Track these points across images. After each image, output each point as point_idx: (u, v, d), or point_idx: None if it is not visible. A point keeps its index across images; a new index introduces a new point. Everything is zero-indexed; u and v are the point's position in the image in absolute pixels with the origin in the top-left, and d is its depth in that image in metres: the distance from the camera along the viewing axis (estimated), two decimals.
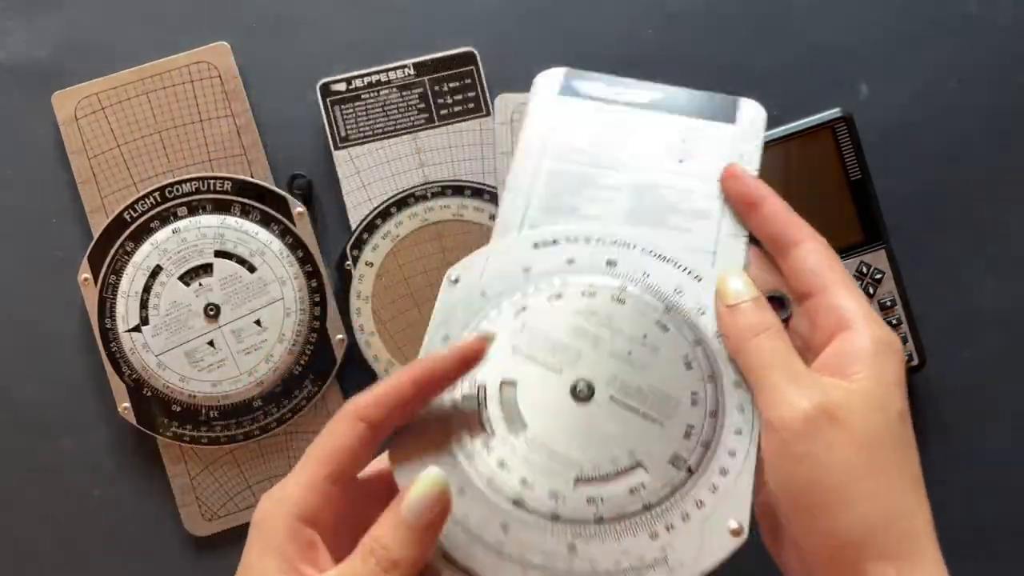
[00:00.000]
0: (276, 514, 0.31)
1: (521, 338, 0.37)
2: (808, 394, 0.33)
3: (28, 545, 0.55)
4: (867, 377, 0.33)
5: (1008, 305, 0.55)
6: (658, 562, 0.32)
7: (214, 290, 0.52)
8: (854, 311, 0.35)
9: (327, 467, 0.32)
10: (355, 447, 0.32)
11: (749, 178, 0.39)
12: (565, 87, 0.46)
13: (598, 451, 0.34)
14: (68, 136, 0.54)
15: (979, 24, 0.55)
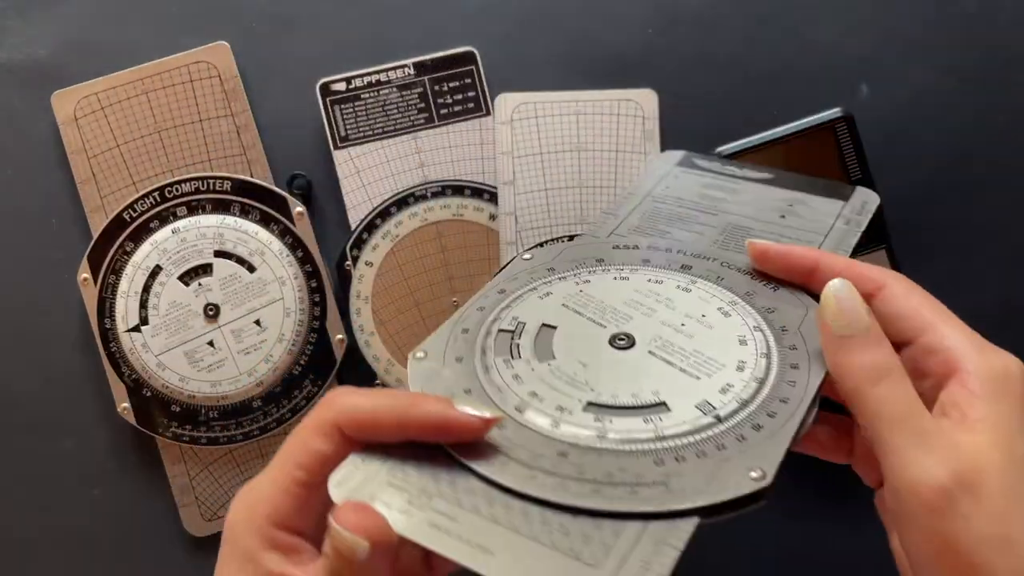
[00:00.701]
0: (250, 520, 0.31)
1: (575, 299, 0.37)
2: (940, 459, 0.29)
3: (28, 545, 0.55)
4: (992, 425, 0.30)
5: (1010, 305, 0.55)
6: (656, 484, 0.29)
7: (214, 290, 0.52)
8: (959, 348, 0.32)
9: (301, 472, 0.31)
10: (330, 456, 0.31)
11: (789, 247, 0.37)
12: (683, 161, 0.49)
13: (620, 385, 0.33)
14: (67, 136, 0.54)
15: (979, 24, 0.55)
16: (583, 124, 0.54)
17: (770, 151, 0.52)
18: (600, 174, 0.54)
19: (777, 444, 0.31)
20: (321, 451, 0.31)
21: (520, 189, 0.54)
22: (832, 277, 0.34)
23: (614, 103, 0.54)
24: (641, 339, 0.35)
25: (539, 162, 0.54)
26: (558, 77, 0.55)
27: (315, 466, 0.31)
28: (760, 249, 0.38)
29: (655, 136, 0.55)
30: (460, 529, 0.28)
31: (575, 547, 0.27)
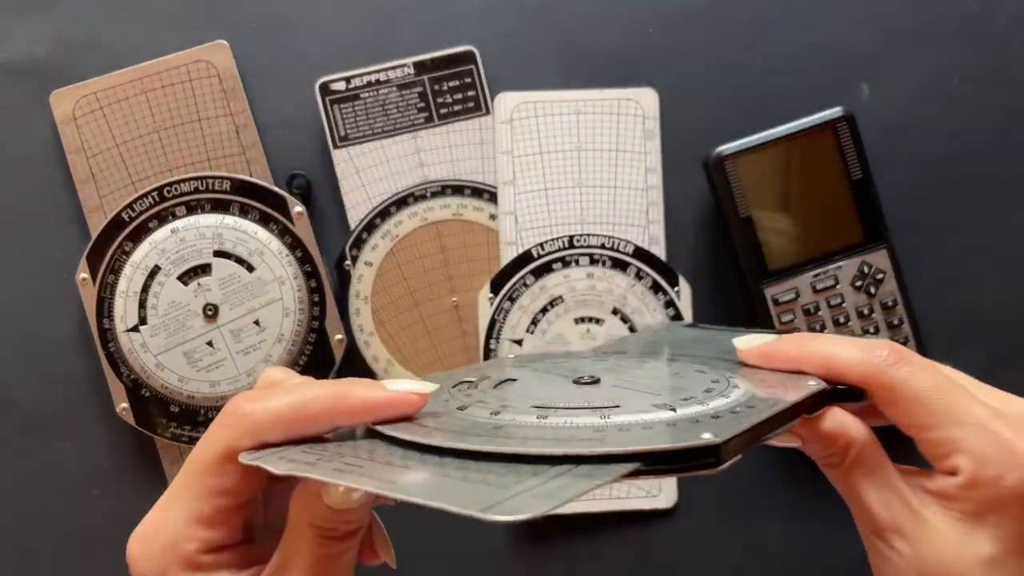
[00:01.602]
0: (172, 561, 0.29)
1: (545, 364, 0.37)
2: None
3: (27, 545, 0.54)
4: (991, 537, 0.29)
5: (1010, 305, 0.55)
6: (592, 440, 0.26)
7: (213, 290, 0.52)
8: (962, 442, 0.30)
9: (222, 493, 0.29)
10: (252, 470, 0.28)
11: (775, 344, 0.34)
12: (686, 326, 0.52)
13: (576, 398, 0.31)
14: (66, 135, 0.53)
15: (980, 23, 0.55)
16: (583, 124, 0.54)
17: (771, 150, 0.52)
18: (600, 174, 0.54)
19: (739, 420, 0.28)
20: (246, 472, 0.29)
21: (520, 189, 0.54)
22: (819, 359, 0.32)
23: (614, 102, 0.54)
24: (607, 380, 0.33)
25: (539, 162, 0.54)
26: (558, 76, 0.55)
27: (239, 487, 0.29)
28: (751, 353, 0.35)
29: (655, 136, 0.54)
30: (372, 470, 0.26)
31: (488, 478, 0.25)
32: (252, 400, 0.29)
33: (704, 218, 0.55)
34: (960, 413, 0.30)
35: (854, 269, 0.52)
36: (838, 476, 0.31)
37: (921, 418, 0.30)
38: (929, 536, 0.29)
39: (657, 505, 0.54)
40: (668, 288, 0.54)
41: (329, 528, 0.29)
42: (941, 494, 0.30)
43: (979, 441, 0.29)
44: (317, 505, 0.28)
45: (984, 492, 0.29)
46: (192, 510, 0.29)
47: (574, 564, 0.55)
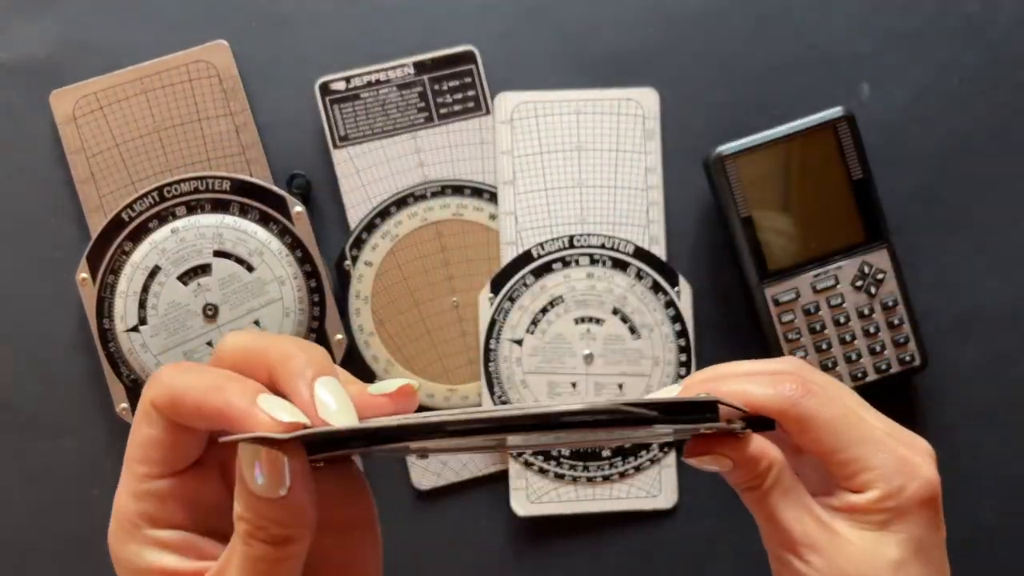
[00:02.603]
0: (120, 532, 0.28)
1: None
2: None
3: (27, 545, 0.54)
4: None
5: (1010, 305, 0.55)
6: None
7: (213, 290, 0.52)
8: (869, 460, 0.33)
9: (143, 466, 0.28)
10: (161, 439, 0.28)
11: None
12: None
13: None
14: (66, 135, 0.53)
15: (980, 23, 0.55)
16: (583, 123, 0.54)
17: (771, 150, 0.52)
18: (600, 174, 0.54)
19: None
20: (149, 435, 0.28)
21: (520, 189, 0.54)
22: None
23: (614, 102, 0.54)
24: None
25: (539, 162, 0.54)
26: (558, 76, 0.55)
27: (150, 454, 0.28)
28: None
29: (656, 135, 0.54)
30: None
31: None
32: (167, 369, 0.28)
33: (704, 218, 0.55)
34: (864, 436, 0.33)
35: (854, 269, 0.52)
36: (757, 498, 0.33)
37: (831, 444, 0.33)
38: (842, 547, 0.32)
39: (657, 505, 0.54)
40: (668, 288, 0.54)
41: (258, 525, 0.26)
42: (849, 509, 0.33)
43: (883, 458, 0.33)
44: (244, 491, 0.26)
45: (890, 503, 0.33)
46: (124, 483, 0.29)
47: (574, 564, 0.55)
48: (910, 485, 0.33)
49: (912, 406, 0.55)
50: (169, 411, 0.28)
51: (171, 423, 0.28)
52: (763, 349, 0.53)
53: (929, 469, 0.34)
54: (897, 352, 0.52)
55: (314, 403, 0.27)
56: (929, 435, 0.54)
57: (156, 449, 0.28)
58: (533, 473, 0.54)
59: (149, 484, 0.28)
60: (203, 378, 0.27)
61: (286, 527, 0.27)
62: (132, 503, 0.28)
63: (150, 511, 0.28)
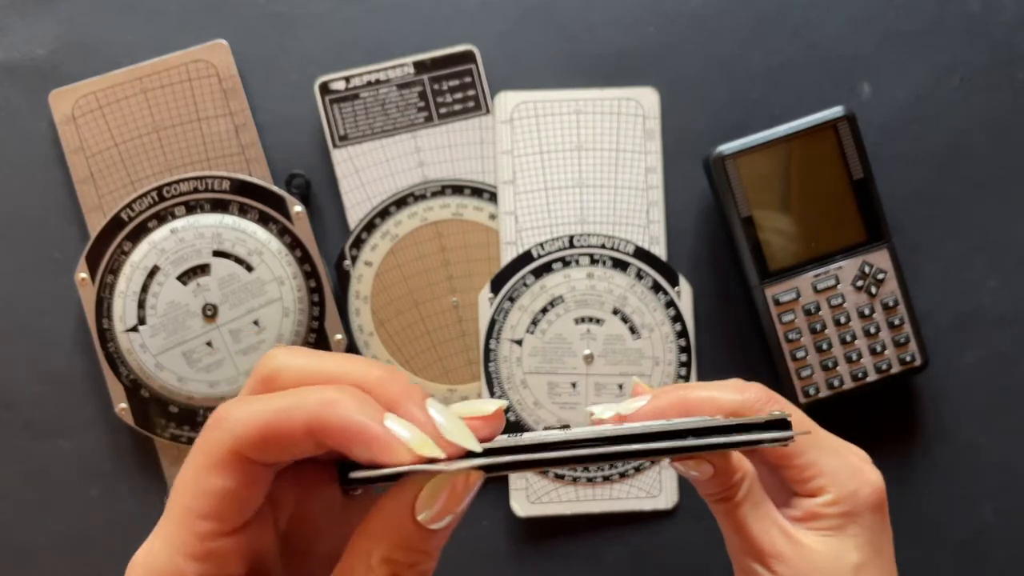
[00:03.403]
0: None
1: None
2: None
3: (26, 546, 0.54)
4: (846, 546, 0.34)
5: (1010, 305, 0.55)
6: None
7: (212, 290, 0.52)
8: (824, 466, 0.35)
9: (206, 523, 0.24)
10: (237, 491, 0.24)
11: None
12: None
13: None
14: (65, 135, 0.53)
15: (981, 22, 0.55)
16: (583, 123, 0.54)
17: (771, 150, 0.52)
18: (600, 173, 0.54)
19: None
20: (224, 487, 0.24)
21: (520, 188, 0.54)
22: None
23: (615, 102, 0.54)
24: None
25: (539, 161, 0.54)
26: (558, 75, 0.55)
27: (223, 509, 0.24)
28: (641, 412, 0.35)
29: (656, 135, 0.54)
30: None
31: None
32: (235, 405, 0.25)
33: (704, 218, 0.55)
34: (819, 442, 0.35)
35: (855, 269, 0.52)
36: (727, 509, 0.34)
37: (790, 448, 0.35)
38: (806, 556, 0.34)
39: (657, 506, 0.54)
40: (668, 288, 0.54)
41: (409, 563, 0.24)
42: (807, 516, 0.34)
43: (836, 464, 0.35)
44: (403, 527, 0.24)
45: (844, 506, 0.34)
46: (175, 542, 0.24)
47: (574, 564, 0.55)
48: (862, 489, 0.34)
49: (912, 406, 0.55)
50: (260, 447, 0.24)
51: (251, 468, 0.24)
52: (763, 349, 0.53)
53: (875, 474, 0.35)
54: (898, 352, 0.52)
55: (434, 427, 0.24)
56: (929, 435, 0.55)
57: (230, 502, 0.24)
58: (533, 473, 0.54)
59: (214, 543, 0.24)
60: (305, 397, 0.24)
61: (434, 560, 0.25)
62: (190, 566, 0.24)
63: (212, 572, 0.24)
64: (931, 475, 0.55)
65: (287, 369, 0.25)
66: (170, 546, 0.24)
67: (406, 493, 0.24)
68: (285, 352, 0.26)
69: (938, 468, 0.55)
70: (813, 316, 0.52)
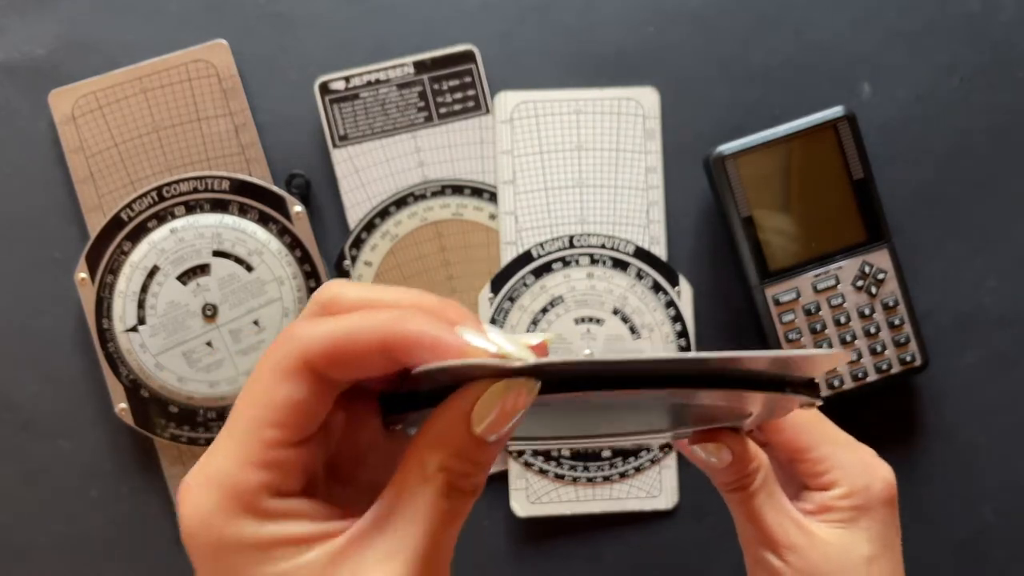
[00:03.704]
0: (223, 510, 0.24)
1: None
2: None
3: (25, 546, 0.54)
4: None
5: (1011, 305, 0.55)
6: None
7: (212, 290, 0.52)
8: (837, 460, 0.36)
9: (274, 431, 0.25)
10: (307, 402, 0.25)
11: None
12: None
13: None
14: (65, 135, 0.53)
15: (981, 22, 0.55)
16: (583, 123, 0.54)
17: (771, 150, 0.52)
18: (600, 173, 0.54)
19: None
20: (293, 397, 0.25)
21: (520, 188, 0.54)
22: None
23: (615, 102, 0.54)
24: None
25: (539, 161, 0.54)
26: (558, 75, 0.55)
27: (292, 418, 0.25)
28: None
29: (656, 135, 0.54)
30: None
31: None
32: (304, 324, 0.25)
33: (704, 218, 0.55)
34: (833, 438, 0.37)
35: (855, 269, 0.52)
36: (742, 499, 0.35)
37: (805, 442, 0.36)
38: (818, 547, 0.35)
39: (657, 506, 0.54)
40: (668, 288, 0.54)
41: (464, 472, 0.25)
42: (819, 508, 0.36)
43: (849, 459, 0.36)
44: (459, 436, 0.24)
45: (856, 500, 0.35)
46: (242, 450, 0.25)
47: (574, 564, 0.55)
48: (874, 484, 0.36)
49: (912, 406, 0.55)
50: (333, 359, 0.25)
51: (318, 382, 0.25)
52: (763, 349, 0.53)
53: (887, 469, 0.37)
54: (898, 352, 0.52)
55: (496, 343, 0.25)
56: (929, 435, 0.55)
57: (297, 412, 0.25)
58: (533, 473, 0.54)
59: (279, 452, 0.25)
60: (376, 315, 0.25)
61: (486, 473, 0.25)
62: (254, 474, 0.24)
63: (276, 481, 0.25)
64: (931, 475, 0.55)
65: (344, 297, 0.26)
66: (233, 457, 0.25)
67: (463, 404, 0.24)
68: (339, 283, 0.27)
69: (938, 468, 0.55)
70: (813, 316, 0.52)
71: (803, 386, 0.28)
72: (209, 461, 0.25)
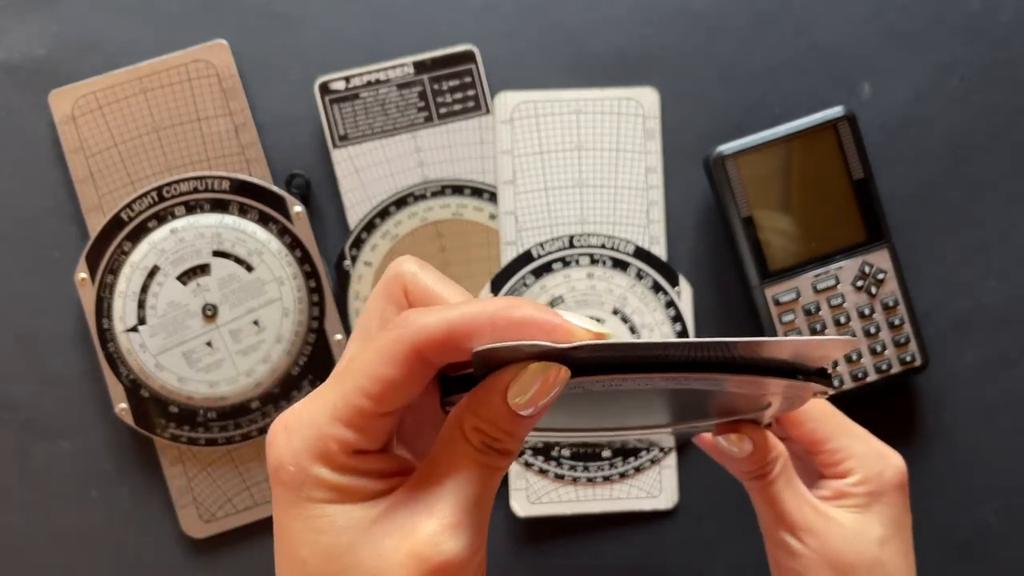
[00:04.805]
0: (312, 451, 0.28)
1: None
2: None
3: (25, 546, 0.54)
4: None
5: (1011, 305, 0.55)
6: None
7: (212, 290, 0.52)
8: (852, 450, 0.40)
9: (367, 401, 0.28)
10: (402, 383, 0.28)
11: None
12: None
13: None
14: (65, 135, 0.53)
15: (981, 22, 0.55)
16: (583, 123, 0.54)
17: (772, 150, 0.52)
18: (600, 173, 0.54)
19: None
20: (396, 378, 0.28)
21: (520, 188, 0.54)
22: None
23: (615, 102, 0.54)
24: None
25: (539, 161, 0.54)
26: (558, 75, 0.55)
27: (385, 395, 0.28)
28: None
29: (656, 135, 0.54)
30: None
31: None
32: (420, 312, 0.28)
33: (704, 218, 0.55)
34: (848, 430, 0.40)
35: (855, 269, 0.52)
36: (763, 486, 0.38)
37: (823, 434, 0.40)
38: (835, 529, 0.38)
39: (657, 506, 0.54)
40: (668, 288, 0.54)
41: (495, 437, 0.28)
42: (835, 495, 0.39)
43: (863, 448, 0.39)
44: (495, 406, 0.27)
45: (870, 486, 0.39)
46: (337, 408, 0.28)
47: (574, 564, 0.55)
48: (887, 471, 0.39)
49: (912, 406, 0.55)
50: (442, 347, 0.27)
51: (423, 366, 0.28)
52: None
53: (898, 457, 0.40)
54: (898, 352, 0.52)
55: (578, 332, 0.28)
56: (929, 435, 0.55)
57: (395, 391, 0.28)
58: (533, 473, 0.54)
59: (367, 420, 0.28)
60: (484, 303, 0.28)
61: (517, 443, 0.28)
62: (340, 430, 0.28)
63: (358, 442, 0.28)
64: (931, 475, 0.55)
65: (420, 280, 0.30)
66: (329, 413, 0.28)
67: (503, 378, 0.27)
68: (413, 260, 0.30)
69: (938, 468, 0.55)
70: (813, 316, 0.52)
71: (816, 374, 0.30)
72: (307, 406, 0.28)
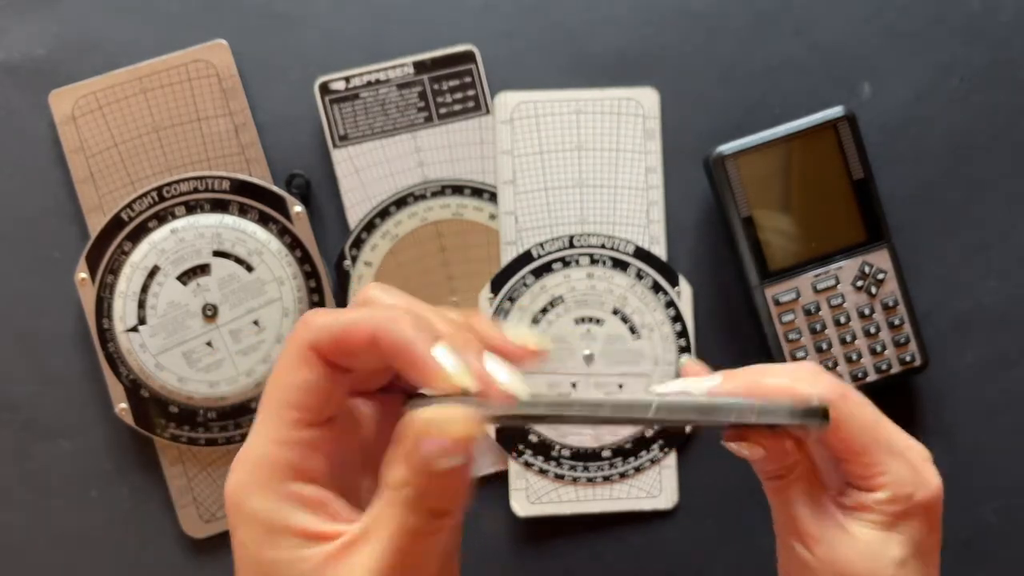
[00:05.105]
0: (258, 483, 0.27)
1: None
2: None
3: (25, 546, 0.54)
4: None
5: (1011, 305, 0.55)
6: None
7: (212, 290, 0.52)
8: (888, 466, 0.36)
9: (293, 411, 0.27)
10: (319, 384, 0.27)
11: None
12: None
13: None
14: (65, 135, 0.53)
15: (982, 22, 0.55)
16: (583, 123, 0.54)
17: (771, 150, 0.52)
18: (600, 173, 0.54)
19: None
20: (307, 380, 0.27)
21: (520, 189, 0.54)
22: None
23: (615, 102, 0.54)
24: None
25: (539, 161, 0.54)
26: (558, 76, 0.55)
27: (307, 400, 0.27)
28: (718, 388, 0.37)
29: (656, 135, 0.54)
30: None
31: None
32: (320, 312, 0.28)
33: (704, 218, 0.55)
34: (890, 444, 0.36)
35: (855, 269, 0.52)
36: (779, 488, 0.35)
37: (859, 445, 0.35)
38: (848, 542, 0.35)
39: (657, 506, 0.54)
40: (668, 288, 0.54)
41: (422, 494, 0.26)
42: (859, 506, 0.35)
43: (900, 466, 0.35)
44: (413, 458, 0.26)
45: (898, 506, 0.35)
46: (269, 430, 0.27)
47: (574, 564, 0.55)
48: (919, 492, 0.35)
49: (912, 406, 0.55)
50: (334, 348, 0.27)
51: (329, 367, 0.27)
52: (763, 349, 0.53)
53: (935, 478, 0.36)
54: (898, 352, 0.52)
55: (487, 375, 0.26)
56: (929, 435, 0.55)
57: (312, 394, 0.27)
58: (533, 473, 0.54)
59: (299, 432, 0.27)
60: (375, 312, 0.27)
61: (450, 500, 0.27)
62: (277, 450, 0.27)
63: (295, 461, 0.27)
64: None
65: (379, 301, 0.29)
66: (263, 435, 0.27)
67: (415, 425, 0.26)
68: (380, 287, 0.29)
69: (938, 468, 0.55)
70: (813, 316, 0.52)
71: (805, 414, 0.29)
72: (248, 440, 0.28)
